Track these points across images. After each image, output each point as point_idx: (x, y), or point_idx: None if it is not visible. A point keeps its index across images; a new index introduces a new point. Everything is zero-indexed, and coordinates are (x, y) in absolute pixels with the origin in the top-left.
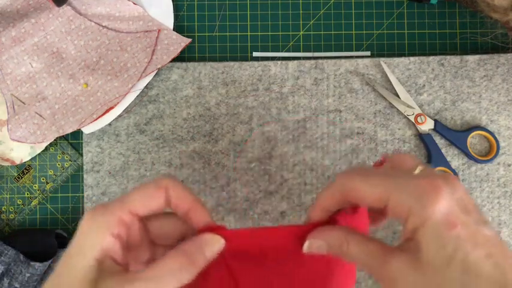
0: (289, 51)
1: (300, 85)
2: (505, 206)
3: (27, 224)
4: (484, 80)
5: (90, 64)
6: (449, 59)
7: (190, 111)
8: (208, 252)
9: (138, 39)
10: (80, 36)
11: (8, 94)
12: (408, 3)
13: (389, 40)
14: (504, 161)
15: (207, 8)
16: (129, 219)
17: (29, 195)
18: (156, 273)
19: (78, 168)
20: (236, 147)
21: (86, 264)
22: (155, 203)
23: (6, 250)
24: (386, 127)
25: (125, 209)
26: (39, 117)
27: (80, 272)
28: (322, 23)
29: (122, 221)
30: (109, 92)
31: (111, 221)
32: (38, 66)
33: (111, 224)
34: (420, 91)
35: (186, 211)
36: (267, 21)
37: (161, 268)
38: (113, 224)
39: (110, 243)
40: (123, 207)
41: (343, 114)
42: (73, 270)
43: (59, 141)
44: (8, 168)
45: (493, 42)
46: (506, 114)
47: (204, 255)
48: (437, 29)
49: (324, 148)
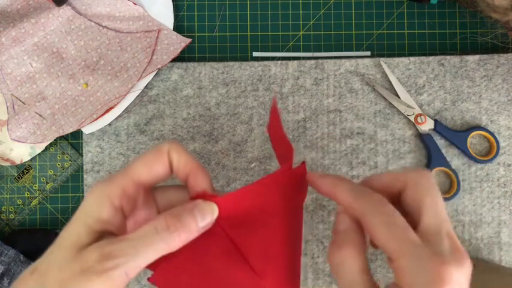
0: (289, 51)
1: (300, 85)
2: (505, 206)
3: (27, 224)
4: (484, 80)
5: (90, 64)
6: (449, 59)
7: (190, 111)
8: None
9: (138, 39)
10: (80, 36)
11: (8, 94)
12: (408, 3)
13: (389, 40)
14: (504, 161)
15: (207, 8)
16: (133, 190)
17: (29, 195)
18: (141, 234)
19: (78, 168)
20: (236, 147)
21: (80, 230)
22: (158, 168)
23: (6, 250)
24: (387, 127)
25: (128, 179)
26: (39, 117)
27: (72, 236)
28: (322, 23)
29: (125, 192)
30: (109, 92)
31: (113, 191)
32: (38, 66)
33: (113, 194)
34: (420, 91)
35: (186, 176)
36: (267, 21)
37: (147, 228)
38: (114, 195)
39: (110, 214)
40: (126, 176)
41: (343, 114)
42: (67, 235)
43: (59, 141)
44: (8, 168)
45: (493, 42)
46: (506, 114)
47: (195, 220)
48: (437, 29)
49: (324, 148)
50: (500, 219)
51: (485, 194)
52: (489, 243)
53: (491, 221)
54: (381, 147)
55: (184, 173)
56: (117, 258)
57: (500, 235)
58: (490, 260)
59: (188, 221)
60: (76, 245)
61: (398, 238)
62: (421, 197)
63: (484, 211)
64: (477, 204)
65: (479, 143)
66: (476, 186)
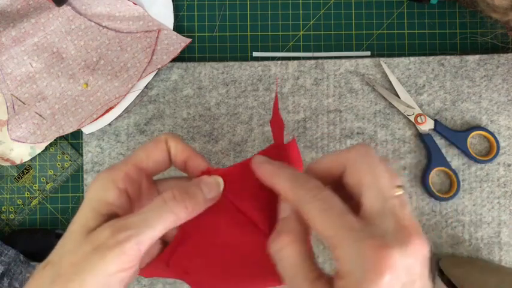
0: (289, 51)
1: (300, 85)
2: (505, 206)
3: (27, 224)
4: (484, 80)
5: (90, 64)
6: (449, 59)
7: (190, 111)
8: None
9: (138, 39)
10: (80, 36)
11: (8, 94)
12: (408, 3)
13: (389, 40)
14: (504, 161)
15: (207, 8)
16: (135, 174)
17: (29, 195)
18: (151, 207)
19: (78, 168)
20: (236, 147)
21: (88, 214)
22: (157, 154)
23: (6, 250)
24: (387, 127)
25: (129, 164)
26: (39, 117)
27: (80, 221)
28: (322, 23)
29: (128, 175)
30: (109, 92)
31: (115, 175)
32: (38, 66)
33: (116, 178)
34: (420, 91)
35: (184, 161)
36: (267, 21)
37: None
38: (117, 178)
39: (115, 196)
40: (128, 162)
41: (343, 114)
42: (75, 221)
43: (59, 141)
44: (8, 168)
45: (493, 42)
46: (506, 114)
47: (201, 192)
48: (437, 29)
49: (324, 148)
50: (500, 219)
51: (485, 194)
52: (489, 243)
53: (491, 221)
54: (381, 147)
55: (181, 159)
56: (128, 230)
57: (500, 235)
58: (490, 260)
59: (194, 192)
60: (85, 228)
61: (334, 224)
62: (361, 176)
63: (484, 211)
64: (477, 204)
65: (479, 143)
66: (476, 186)
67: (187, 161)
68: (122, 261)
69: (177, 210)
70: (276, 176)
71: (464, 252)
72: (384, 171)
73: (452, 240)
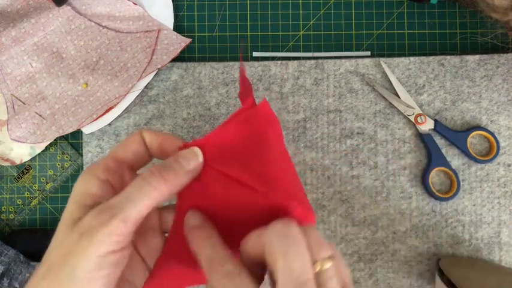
0: (289, 51)
1: (300, 85)
2: (505, 206)
3: (27, 224)
4: (484, 80)
5: (90, 64)
6: (449, 59)
7: (190, 111)
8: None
9: (138, 39)
10: (80, 36)
11: (8, 94)
12: (408, 3)
13: (389, 40)
14: (504, 161)
15: (207, 8)
16: (114, 165)
17: (29, 195)
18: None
19: (78, 168)
20: None
21: (72, 207)
22: (132, 145)
23: (6, 250)
24: (387, 127)
25: (108, 158)
26: (39, 117)
27: (66, 215)
28: (322, 23)
29: (106, 166)
30: (109, 92)
31: (95, 168)
32: (38, 66)
33: (95, 170)
34: (420, 91)
35: (160, 146)
36: (267, 21)
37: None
38: (97, 170)
39: (97, 186)
40: (106, 156)
41: (343, 114)
42: (63, 216)
43: (59, 141)
44: (8, 168)
45: (493, 42)
46: (506, 114)
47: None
48: (437, 29)
49: (324, 148)
50: (500, 219)
51: (485, 194)
52: (489, 243)
53: (491, 221)
54: (381, 147)
55: (157, 145)
56: (111, 209)
57: (500, 235)
58: (490, 260)
59: (171, 165)
60: (71, 220)
61: None
62: (275, 259)
63: (484, 211)
64: (477, 204)
65: (479, 143)
66: (476, 186)
67: (163, 144)
68: (111, 241)
69: (155, 183)
70: (199, 248)
71: (464, 252)
72: (299, 252)
73: (452, 240)
